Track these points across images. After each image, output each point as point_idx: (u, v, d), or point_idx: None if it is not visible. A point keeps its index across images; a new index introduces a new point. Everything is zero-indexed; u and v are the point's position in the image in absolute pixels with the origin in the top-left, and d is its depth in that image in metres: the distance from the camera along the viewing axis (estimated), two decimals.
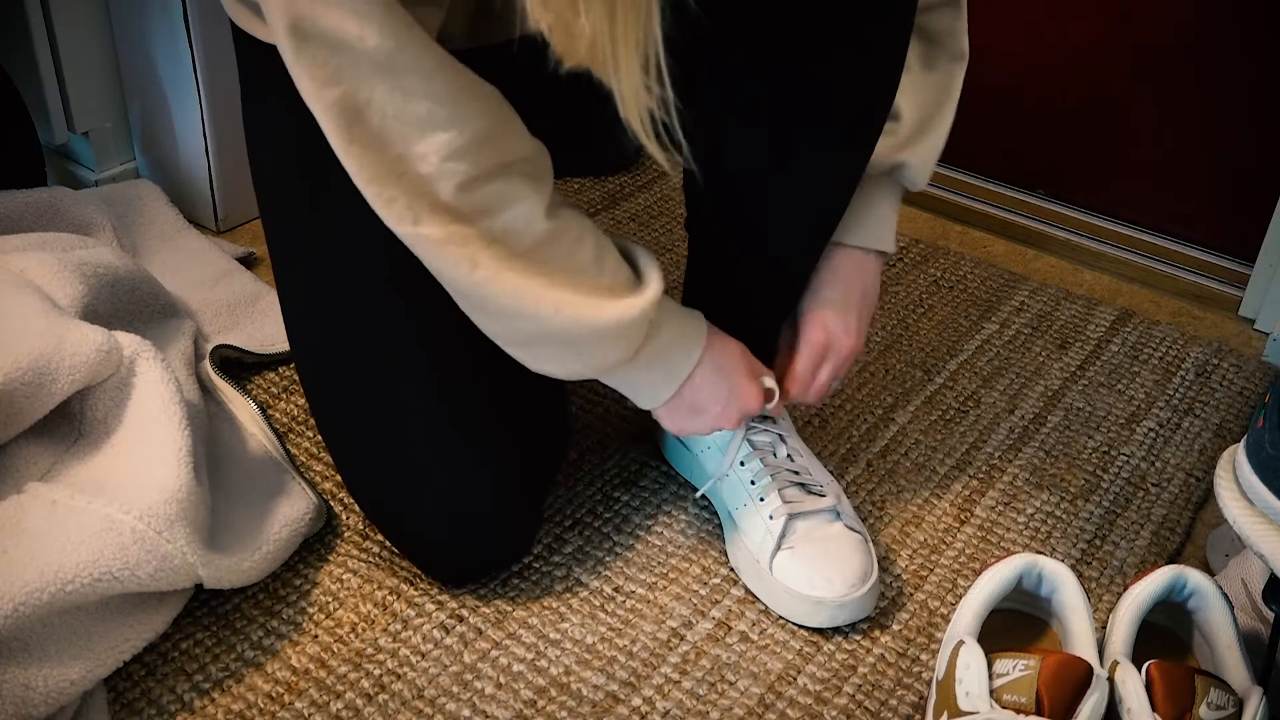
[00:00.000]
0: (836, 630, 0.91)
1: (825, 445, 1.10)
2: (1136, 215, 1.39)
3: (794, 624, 0.91)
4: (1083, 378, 1.20)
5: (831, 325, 0.94)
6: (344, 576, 0.93)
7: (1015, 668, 0.74)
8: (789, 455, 0.97)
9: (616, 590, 0.94)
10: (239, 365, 1.13)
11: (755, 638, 0.90)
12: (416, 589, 0.93)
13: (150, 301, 1.10)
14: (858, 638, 0.91)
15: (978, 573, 0.89)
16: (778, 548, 0.92)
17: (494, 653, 0.88)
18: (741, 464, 0.96)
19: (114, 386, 0.92)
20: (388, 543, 0.96)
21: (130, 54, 1.32)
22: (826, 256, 0.94)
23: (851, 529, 0.93)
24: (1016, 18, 1.39)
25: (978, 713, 0.73)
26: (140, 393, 0.92)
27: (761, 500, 0.94)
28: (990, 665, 0.75)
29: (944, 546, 0.99)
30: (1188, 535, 1.03)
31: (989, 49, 1.20)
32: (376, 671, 0.86)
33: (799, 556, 0.91)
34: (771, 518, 0.93)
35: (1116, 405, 1.17)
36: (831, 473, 1.00)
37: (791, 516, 0.92)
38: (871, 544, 0.94)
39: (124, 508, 0.82)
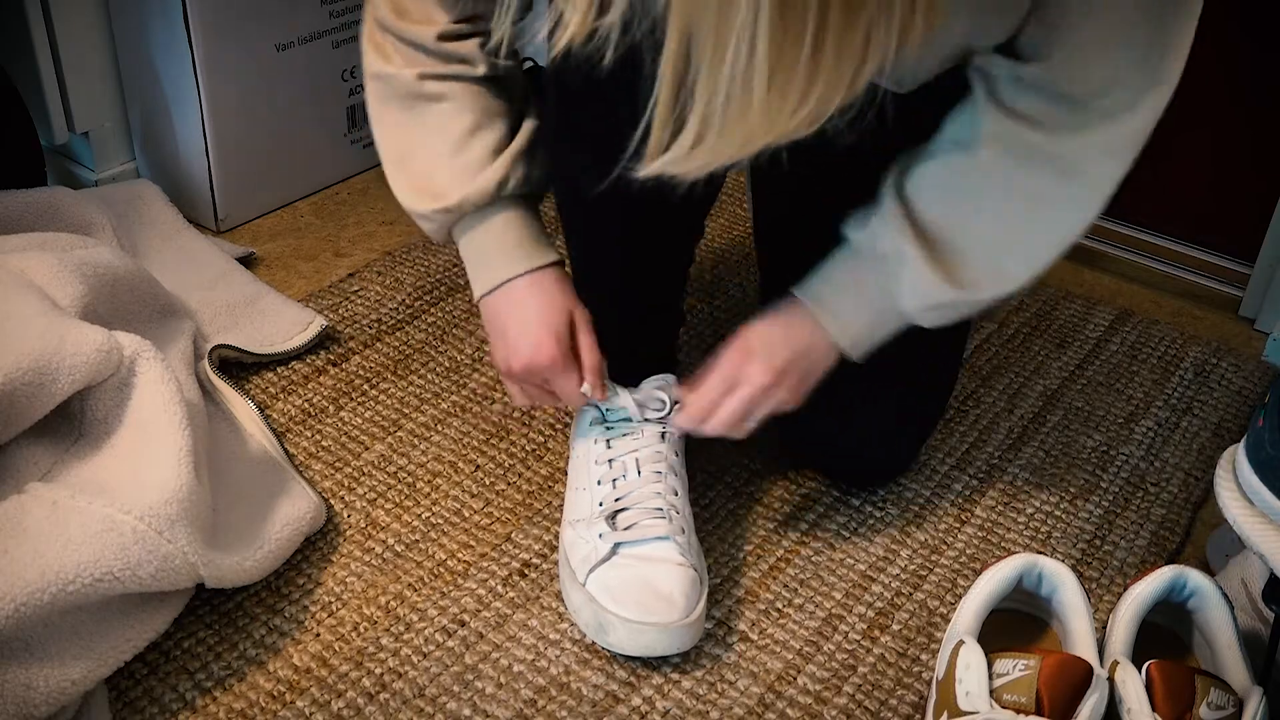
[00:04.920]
0: (836, 630, 0.91)
1: None
2: (1136, 215, 1.39)
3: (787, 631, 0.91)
4: (1082, 377, 1.20)
5: (754, 354, 0.87)
6: (347, 579, 0.94)
7: (1015, 668, 0.74)
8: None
9: None
10: (238, 365, 1.14)
11: (755, 638, 0.90)
12: (419, 594, 0.93)
13: (150, 301, 1.10)
14: (857, 638, 0.91)
15: (978, 573, 0.89)
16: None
17: (494, 654, 0.88)
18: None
19: (114, 386, 0.92)
20: (391, 543, 0.97)
21: (130, 54, 1.32)
22: (784, 306, 0.89)
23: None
24: None
25: (978, 712, 0.73)
26: (141, 393, 0.92)
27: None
28: (990, 665, 0.75)
29: (944, 546, 0.99)
30: (1187, 535, 1.03)
31: None
32: (378, 670, 0.86)
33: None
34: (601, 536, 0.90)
35: (1115, 405, 1.17)
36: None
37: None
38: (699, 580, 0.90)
39: (125, 508, 0.82)
